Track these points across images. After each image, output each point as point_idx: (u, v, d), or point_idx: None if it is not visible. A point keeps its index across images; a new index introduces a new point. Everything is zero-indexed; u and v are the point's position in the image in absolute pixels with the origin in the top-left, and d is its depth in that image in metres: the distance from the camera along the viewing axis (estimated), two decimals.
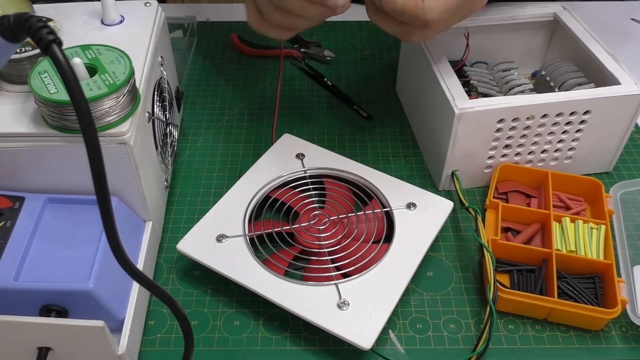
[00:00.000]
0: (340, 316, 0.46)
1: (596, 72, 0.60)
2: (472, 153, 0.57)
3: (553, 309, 0.48)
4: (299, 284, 0.48)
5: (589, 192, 0.58)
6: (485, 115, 0.54)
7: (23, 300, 0.42)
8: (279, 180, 0.57)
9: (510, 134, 0.56)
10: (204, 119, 0.70)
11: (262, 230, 0.53)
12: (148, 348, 0.48)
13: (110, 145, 0.44)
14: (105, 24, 0.54)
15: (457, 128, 0.54)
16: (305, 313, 0.46)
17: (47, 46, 0.27)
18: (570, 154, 0.60)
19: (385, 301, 0.47)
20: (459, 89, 0.56)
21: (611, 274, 0.50)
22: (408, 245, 0.51)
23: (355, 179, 0.58)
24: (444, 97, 0.55)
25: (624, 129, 0.59)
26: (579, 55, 0.62)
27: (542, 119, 0.55)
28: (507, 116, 0.54)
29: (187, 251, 0.51)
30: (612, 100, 0.55)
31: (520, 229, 0.56)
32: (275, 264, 0.51)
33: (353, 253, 0.51)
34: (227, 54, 0.81)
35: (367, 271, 0.49)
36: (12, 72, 0.47)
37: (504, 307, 0.50)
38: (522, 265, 0.53)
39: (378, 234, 0.53)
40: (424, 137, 0.64)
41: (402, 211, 0.54)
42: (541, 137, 0.57)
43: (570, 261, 0.52)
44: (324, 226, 0.53)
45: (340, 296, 0.47)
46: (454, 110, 0.53)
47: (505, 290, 0.49)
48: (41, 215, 0.46)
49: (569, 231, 0.54)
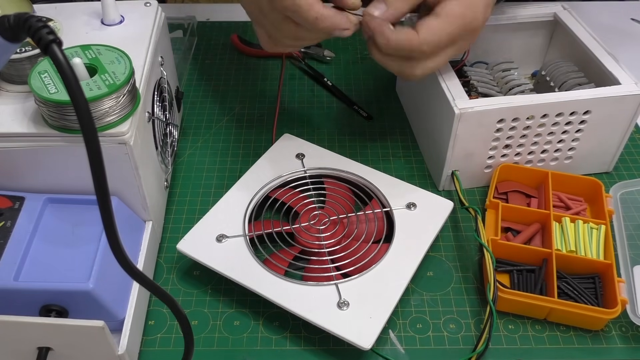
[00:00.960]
0: (340, 316, 0.46)
1: (596, 72, 0.60)
2: (472, 153, 0.57)
3: (553, 309, 0.48)
4: (299, 284, 0.48)
5: (589, 192, 0.58)
6: (485, 115, 0.54)
7: (23, 300, 0.42)
8: (278, 180, 0.57)
9: (510, 134, 0.56)
10: (204, 119, 0.70)
11: (262, 230, 0.53)
12: (148, 348, 0.48)
13: (110, 145, 0.44)
14: (105, 24, 0.54)
15: (457, 128, 0.54)
16: (305, 313, 0.46)
17: (47, 46, 0.27)
18: (570, 154, 0.60)
19: (386, 301, 0.47)
20: (459, 89, 0.56)
21: (611, 274, 0.50)
22: (408, 245, 0.51)
23: (355, 179, 0.58)
24: (444, 97, 0.55)
25: (624, 129, 0.59)
26: (579, 55, 0.62)
27: (542, 119, 0.55)
28: (507, 116, 0.54)
29: (187, 251, 0.51)
30: (612, 100, 0.55)
31: (520, 229, 0.56)
32: (275, 264, 0.51)
33: (353, 253, 0.51)
34: (227, 54, 0.81)
35: (367, 271, 0.49)
36: (12, 72, 0.47)
37: (504, 307, 0.50)
38: (522, 265, 0.53)
39: (378, 234, 0.53)
40: (424, 137, 0.64)
41: (402, 211, 0.54)
42: (541, 137, 0.57)
43: (570, 261, 0.52)
44: (324, 226, 0.53)
45: (341, 296, 0.47)
46: (454, 110, 0.53)
47: (505, 290, 0.49)
48: (41, 215, 0.46)
49: (569, 231, 0.54)
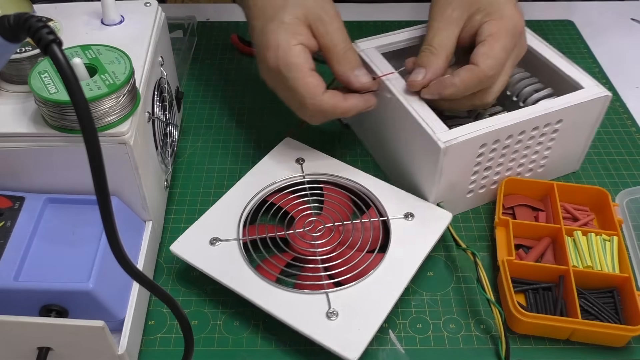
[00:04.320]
0: (328, 326, 0.45)
1: (549, 73, 0.59)
2: (456, 182, 0.55)
3: (577, 329, 0.47)
4: (289, 292, 0.47)
5: (595, 202, 0.57)
6: (469, 144, 0.52)
7: (23, 300, 0.42)
8: (277, 185, 0.57)
9: (490, 156, 0.54)
10: (204, 119, 0.70)
11: (256, 234, 0.53)
12: (148, 348, 0.48)
13: (110, 145, 0.44)
14: (105, 24, 0.54)
15: (443, 162, 0.51)
16: (293, 321, 0.45)
17: (47, 46, 0.27)
18: (543, 162, 0.60)
19: (375, 313, 0.46)
20: (436, 120, 0.52)
21: (630, 287, 0.48)
22: (403, 256, 0.50)
23: (353, 186, 0.57)
24: (422, 132, 0.52)
25: (591, 129, 0.59)
26: (527, 59, 0.61)
27: (519, 136, 0.54)
28: (488, 140, 0.53)
29: (180, 253, 0.50)
30: (581, 105, 0.55)
31: (531, 245, 0.54)
32: (267, 270, 0.50)
33: (346, 262, 0.50)
34: (227, 54, 0.81)
35: (359, 281, 0.48)
36: (12, 72, 0.47)
37: (524, 329, 0.49)
38: (537, 284, 0.51)
39: (374, 243, 0.52)
40: (394, 169, 0.60)
41: (399, 221, 0.53)
42: (518, 152, 0.56)
43: (587, 277, 0.50)
44: (319, 233, 0.52)
45: (330, 306, 0.46)
46: (438, 145, 0.50)
47: (526, 313, 0.47)
48: (41, 215, 0.46)
49: (582, 245, 0.53)
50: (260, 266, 0.50)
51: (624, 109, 0.72)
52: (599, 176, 0.63)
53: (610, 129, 0.69)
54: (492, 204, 0.59)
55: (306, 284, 0.49)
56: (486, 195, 0.59)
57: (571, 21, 0.88)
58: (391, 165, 0.61)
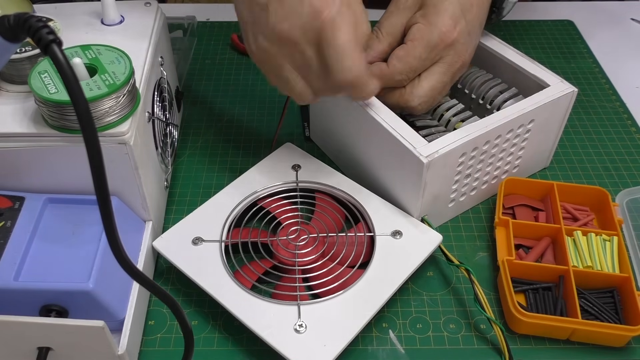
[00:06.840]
0: (295, 339, 0.44)
1: (512, 74, 0.60)
2: (438, 194, 0.54)
3: (577, 329, 0.47)
4: (262, 300, 0.46)
5: (595, 201, 0.57)
6: (450, 155, 0.50)
7: (23, 300, 0.42)
8: (269, 189, 0.56)
9: (470, 164, 0.54)
10: (204, 119, 0.70)
11: (239, 238, 0.52)
12: (148, 348, 0.48)
13: (110, 145, 0.44)
14: (105, 24, 0.55)
15: (427, 176, 0.50)
16: (260, 330, 0.45)
17: (47, 46, 0.27)
18: (517, 163, 0.59)
19: (344, 330, 0.45)
20: (413, 134, 0.51)
21: (630, 287, 0.48)
22: (383, 275, 0.48)
23: (345, 198, 0.55)
24: (401, 147, 0.50)
25: (559, 125, 0.60)
26: (488, 61, 0.61)
27: (496, 140, 0.54)
28: (467, 149, 0.52)
29: (161, 250, 0.50)
30: (551, 103, 0.55)
31: (531, 245, 0.54)
32: (244, 275, 0.49)
33: (325, 274, 0.49)
34: (227, 54, 0.81)
35: (334, 296, 0.47)
36: (12, 72, 0.47)
37: (524, 329, 0.49)
38: (537, 284, 0.51)
39: (356, 258, 0.50)
40: (373, 188, 0.56)
41: (386, 238, 0.51)
42: (494, 156, 0.56)
43: (587, 277, 0.50)
44: (302, 242, 0.51)
45: (300, 318, 0.45)
46: (421, 160, 0.49)
47: (526, 314, 0.47)
48: (41, 215, 0.46)
49: (582, 245, 0.53)
50: (238, 271, 0.50)
51: (624, 109, 0.72)
52: (599, 176, 0.63)
53: (610, 129, 0.69)
54: (492, 203, 0.60)
55: (281, 294, 0.48)
56: (466, 202, 0.58)
57: (571, 21, 0.88)
58: (366, 181, 0.57)
